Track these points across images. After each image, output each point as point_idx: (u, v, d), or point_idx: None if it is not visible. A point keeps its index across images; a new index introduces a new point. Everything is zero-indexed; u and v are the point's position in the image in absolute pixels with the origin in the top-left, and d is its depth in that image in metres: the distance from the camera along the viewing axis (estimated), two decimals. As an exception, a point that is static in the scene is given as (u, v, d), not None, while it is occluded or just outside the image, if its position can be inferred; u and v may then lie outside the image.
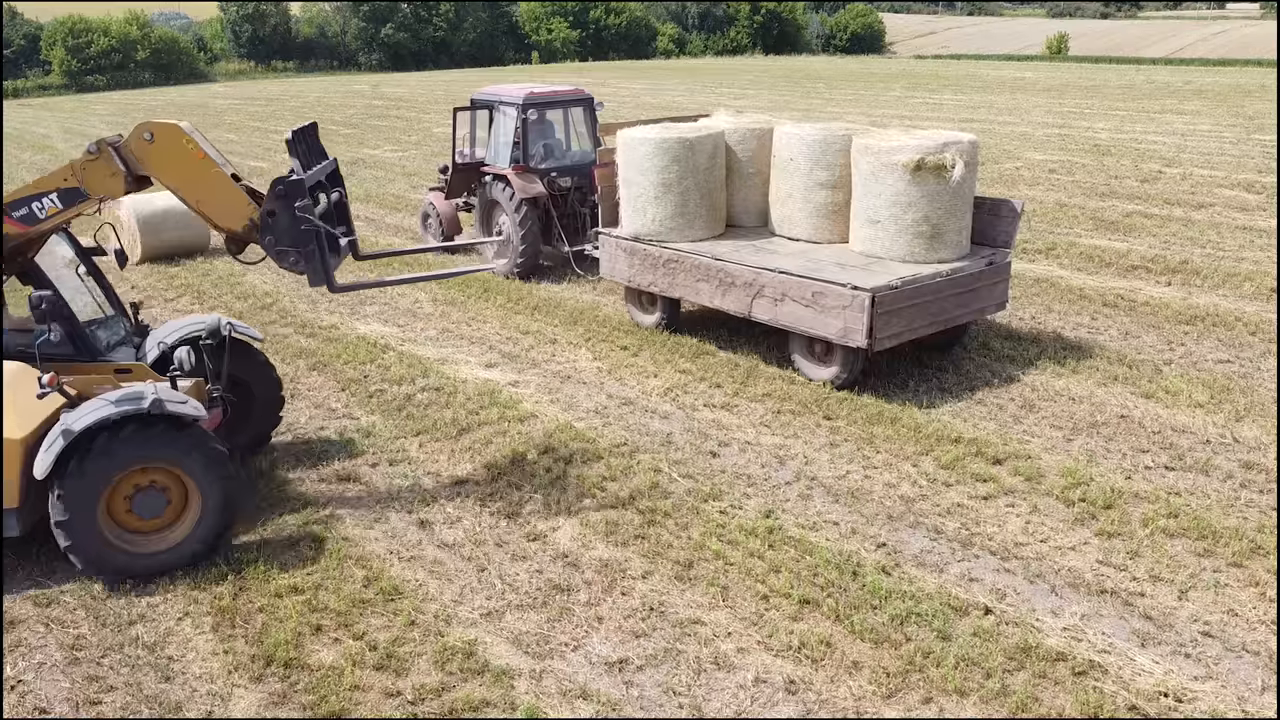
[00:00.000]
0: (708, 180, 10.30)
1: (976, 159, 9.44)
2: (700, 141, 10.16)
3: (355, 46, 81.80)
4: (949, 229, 9.20)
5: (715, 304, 9.82)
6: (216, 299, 12.65)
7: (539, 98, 12.95)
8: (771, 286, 9.16)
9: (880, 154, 9.17)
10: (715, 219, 10.52)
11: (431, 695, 5.13)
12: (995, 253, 9.56)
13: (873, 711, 4.94)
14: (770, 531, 6.53)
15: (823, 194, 9.86)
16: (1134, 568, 6.05)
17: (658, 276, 10.31)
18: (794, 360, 9.43)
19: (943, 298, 9.00)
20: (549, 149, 13.31)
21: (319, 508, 7.10)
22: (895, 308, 8.57)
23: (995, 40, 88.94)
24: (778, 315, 9.18)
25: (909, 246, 9.21)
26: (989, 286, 9.45)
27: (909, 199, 9.09)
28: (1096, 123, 27.93)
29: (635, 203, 10.45)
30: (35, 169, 26.75)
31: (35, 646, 5.63)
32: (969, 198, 9.41)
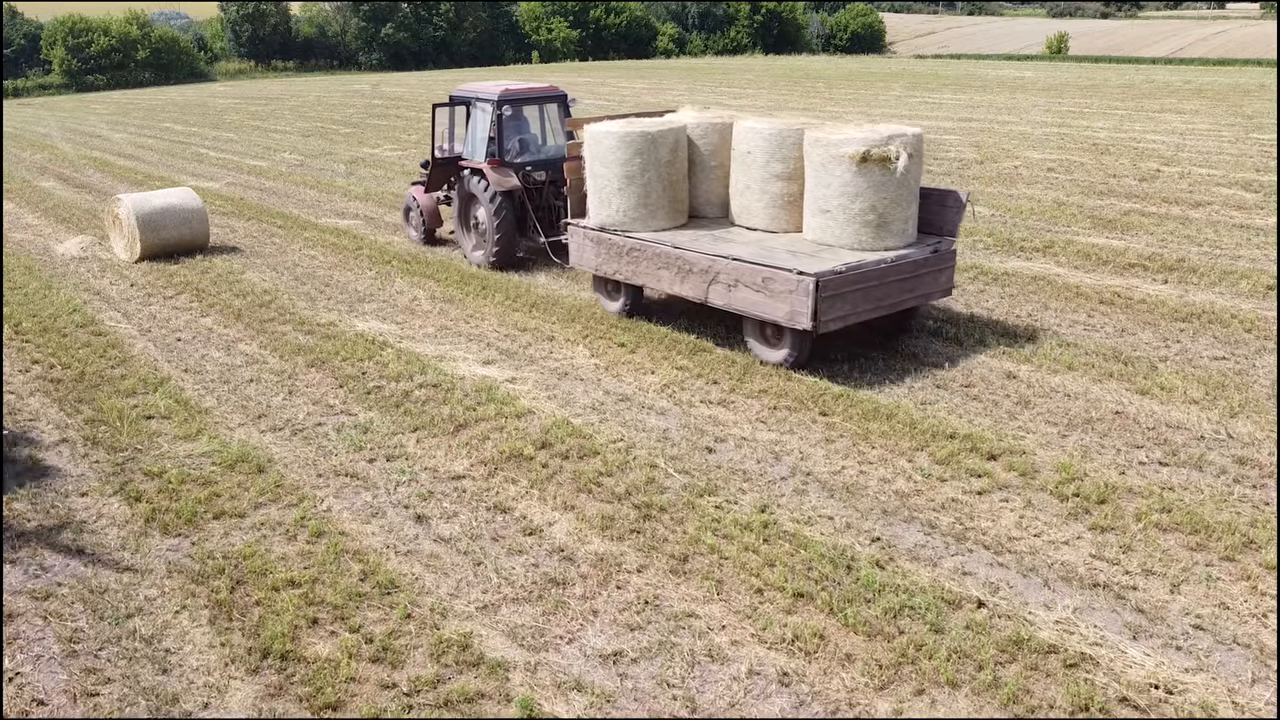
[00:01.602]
0: (669, 172, 10.72)
1: (921, 151, 9.77)
2: (662, 135, 10.57)
3: (355, 46, 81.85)
4: (895, 218, 9.60)
5: (675, 290, 10.24)
6: (215, 297, 12.69)
7: (514, 94, 13.37)
8: (725, 273, 9.57)
9: (829, 146, 9.56)
10: (677, 210, 10.95)
11: (427, 687, 5.16)
12: (941, 241, 9.93)
13: (865, 703, 4.97)
14: (765, 526, 6.56)
15: (778, 185, 10.29)
16: (1127, 562, 6.08)
17: (622, 265, 10.74)
18: (748, 343, 9.82)
19: (887, 283, 9.39)
20: (524, 144, 13.76)
21: (316, 502, 7.14)
22: (839, 292, 8.98)
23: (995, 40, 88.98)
24: (731, 300, 9.60)
25: (857, 235, 9.62)
26: (934, 273, 9.83)
27: (856, 189, 9.49)
28: (1095, 122, 27.96)
29: (600, 194, 10.88)
30: (35, 168, 26.81)
31: (33, 639, 5.66)
32: (914, 188, 9.78)
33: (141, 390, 9.45)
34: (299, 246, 15.57)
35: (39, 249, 16.13)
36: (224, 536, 6.72)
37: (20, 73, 72.11)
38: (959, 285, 12.05)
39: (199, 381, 9.70)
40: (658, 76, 56.36)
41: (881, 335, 10.20)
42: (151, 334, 11.29)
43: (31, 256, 15.55)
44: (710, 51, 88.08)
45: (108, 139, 34.25)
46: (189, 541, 6.67)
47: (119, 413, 8.85)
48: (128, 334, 11.29)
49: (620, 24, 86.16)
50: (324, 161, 25.65)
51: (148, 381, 9.65)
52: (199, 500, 7.18)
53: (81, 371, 10.01)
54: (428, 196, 14.94)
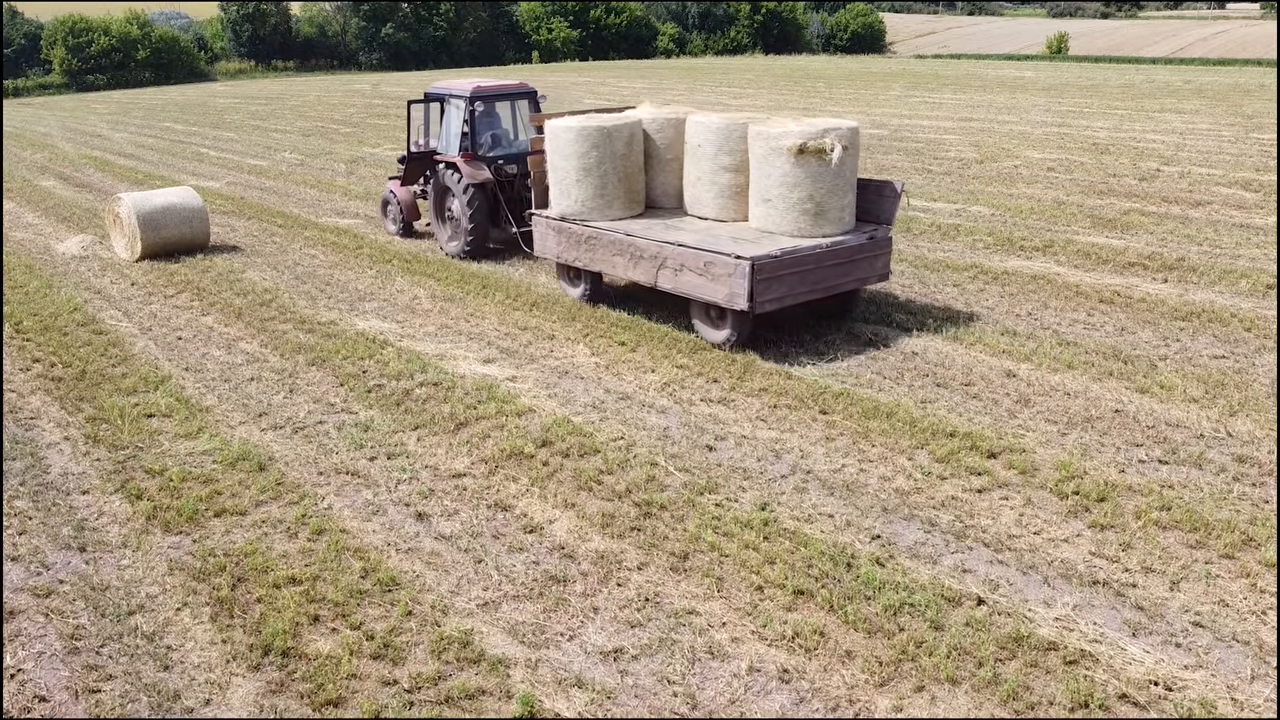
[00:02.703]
0: (625, 165, 11.28)
1: (857, 144, 10.29)
2: (617, 130, 11.16)
3: (355, 46, 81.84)
4: (831, 206, 10.13)
5: (628, 275, 10.80)
6: (216, 295, 12.70)
7: (486, 91, 13.96)
8: (672, 258, 10.14)
9: (769, 140, 10.11)
10: (633, 200, 11.52)
11: (428, 684, 5.17)
12: (878, 229, 10.48)
13: (865, 700, 4.98)
14: (765, 524, 6.57)
15: (726, 177, 10.82)
16: (1126, 559, 6.09)
17: (580, 252, 11.28)
18: (694, 324, 10.37)
19: (823, 267, 9.94)
20: (496, 138, 14.29)
21: (317, 500, 7.15)
22: (775, 275, 9.52)
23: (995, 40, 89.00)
24: (678, 284, 10.16)
25: (796, 222, 10.15)
26: (870, 259, 10.37)
27: (795, 179, 10.04)
28: (1095, 122, 27.97)
29: (560, 185, 11.44)
30: (36, 167, 26.82)
31: (35, 636, 5.67)
32: (851, 179, 10.29)
33: (142, 389, 9.46)
34: (299, 245, 15.58)
35: (40, 248, 16.14)
36: (225, 534, 6.73)
37: (20, 72, 72.10)
38: (959, 285, 12.07)
39: (200, 380, 9.71)
40: (658, 76, 56.37)
41: (825, 318, 10.75)
42: (152, 333, 11.30)
43: (32, 255, 15.56)
44: (710, 51, 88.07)
45: (108, 138, 34.26)
46: (190, 539, 6.68)
47: (120, 411, 8.86)
48: (128, 333, 11.30)
49: (620, 24, 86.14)
50: (324, 161, 25.66)
51: (148, 380, 9.67)
52: (200, 498, 7.19)
53: (82, 370, 10.02)
54: (405, 190, 15.53)
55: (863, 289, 10.91)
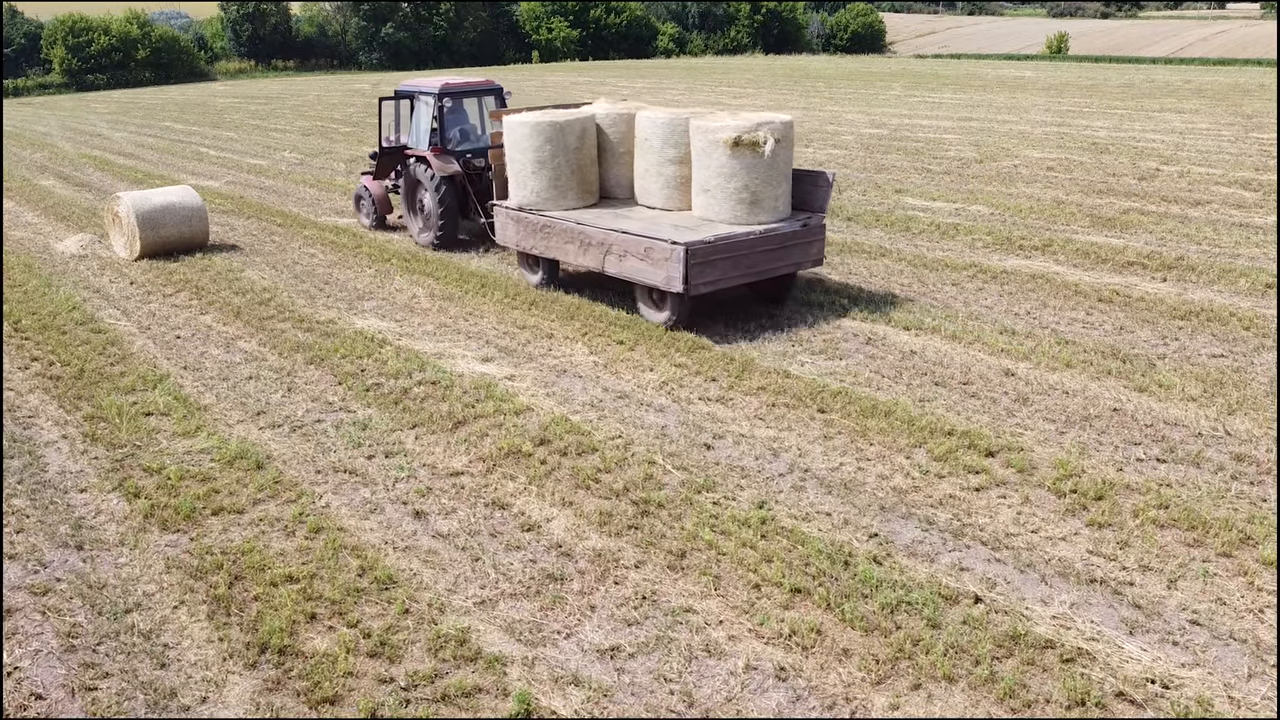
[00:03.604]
0: (578, 157, 11.86)
1: (791, 137, 10.81)
2: (570, 124, 11.75)
3: (355, 46, 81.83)
4: (766, 196, 10.69)
5: (578, 261, 11.39)
6: (215, 294, 12.70)
7: (454, 88, 14.58)
8: (617, 245, 10.70)
9: (708, 133, 10.69)
10: (586, 191, 12.10)
11: (425, 682, 5.17)
12: (811, 216, 11.01)
13: (862, 698, 4.98)
14: (763, 522, 6.57)
15: (671, 169, 11.43)
16: (1124, 557, 6.08)
17: (537, 240, 11.89)
18: (639, 307, 11.01)
19: (756, 253, 10.50)
20: (464, 133, 14.88)
21: (315, 499, 7.15)
22: (708, 259, 10.10)
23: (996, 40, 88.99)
24: (622, 269, 10.75)
25: (733, 210, 10.72)
26: (803, 245, 10.94)
27: (731, 170, 10.60)
28: (1095, 121, 27.97)
29: (517, 177, 12.04)
30: (35, 166, 26.82)
31: (31, 634, 5.67)
32: (785, 170, 10.84)
33: (141, 387, 9.46)
34: (298, 244, 15.58)
35: (39, 247, 16.14)
36: (223, 532, 6.73)
37: (20, 72, 72.08)
38: (958, 284, 12.07)
39: (198, 379, 9.70)
40: (658, 76, 56.37)
41: (765, 302, 11.35)
42: (151, 331, 11.30)
43: (31, 254, 15.56)
44: (710, 51, 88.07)
45: (108, 138, 34.26)
46: (188, 537, 6.67)
47: (118, 409, 8.86)
48: (127, 331, 11.30)
49: (620, 24, 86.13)
50: (324, 160, 25.66)
51: (147, 379, 9.66)
52: (198, 496, 7.19)
53: (81, 369, 10.02)
54: (377, 184, 16.11)
55: (800, 273, 11.63)
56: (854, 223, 15.67)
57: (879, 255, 13.54)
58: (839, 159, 22.31)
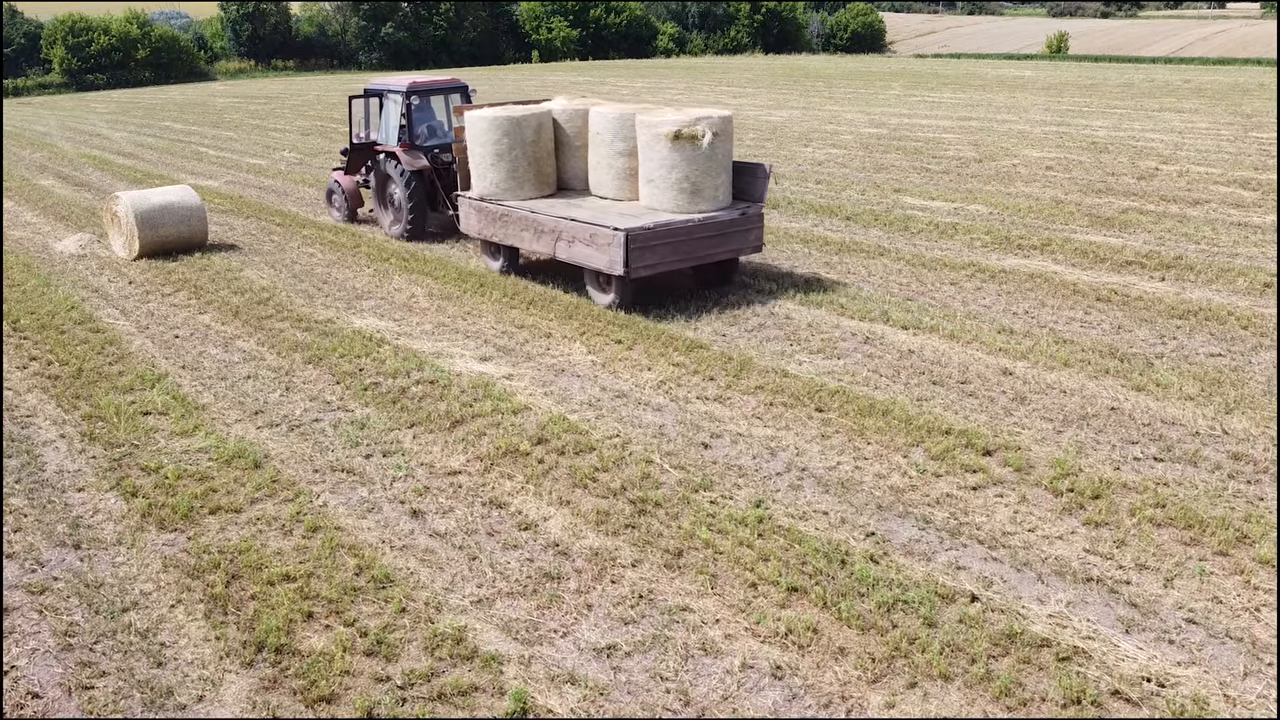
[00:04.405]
0: (534, 150, 12.55)
1: (730, 131, 11.54)
2: (526, 119, 12.41)
3: (355, 45, 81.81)
4: (706, 186, 11.42)
5: (533, 248, 12.09)
6: (213, 294, 12.70)
7: (420, 86, 15.28)
8: (567, 232, 11.39)
9: (651, 127, 11.41)
10: (543, 182, 12.77)
11: (421, 680, 5.17)
12: (750, 206, 11.72)
13: (858, 696, 4.98)
14: (760, 521, 6.57)
15: (621, 161, 12.10)
16: (1120, 556, 6.09)
17: (496, 229, 12.57)
18: (588, 291, 11.68)
19: (695, 239, 11.21)
20: (432, 129, 15.51)
21: (312, 498, 7.15)
22: (648, 244, 10.82)
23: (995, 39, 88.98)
24: (572, 254, 11.45)
25: (675, 200, 11.45)
26: (742, 232, 11.63)
27: (672, 162, 11.32)
28: (1094, 121, 27.97)
29: (478, 169, 12.74)
30: (35, 166, 26.82)
31: (28, 633, 5.67)
32: (725, 162, 11.55)
33: (139, 386, 9.47)
34: (297, 244, 15.58)
35: (38, 246, 16.14)
36: (220, 531, 6.73)
37: (20, 72, 72.06)
38: (956, 283, 12.07)
39: (196, 378, 9.71)
40: (657, 76, 56.37)
41: (709, 286, 12.06)
42: (149, 331, 11.30)
43: (30, 254, 15.56)
44: (710, 51, 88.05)
45: (107, 138, 34.25)
46: (185, 536, 6.68)
47: (116, 409, 8.86)
48: (125, 331, 11.31)
49: (620, 23, 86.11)
50: (323, 160, 25.66)
51: (145, 378, 9.67)
52: (195, 495, 7.19)
53: (79, 368, 10.02)
54: (348, 179, 16.87)
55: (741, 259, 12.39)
56: (853, 222, 15.67)
57: (877, 254, 13.55)
58: (838, 158, 22.31)
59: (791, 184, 19.25)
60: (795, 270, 12.87)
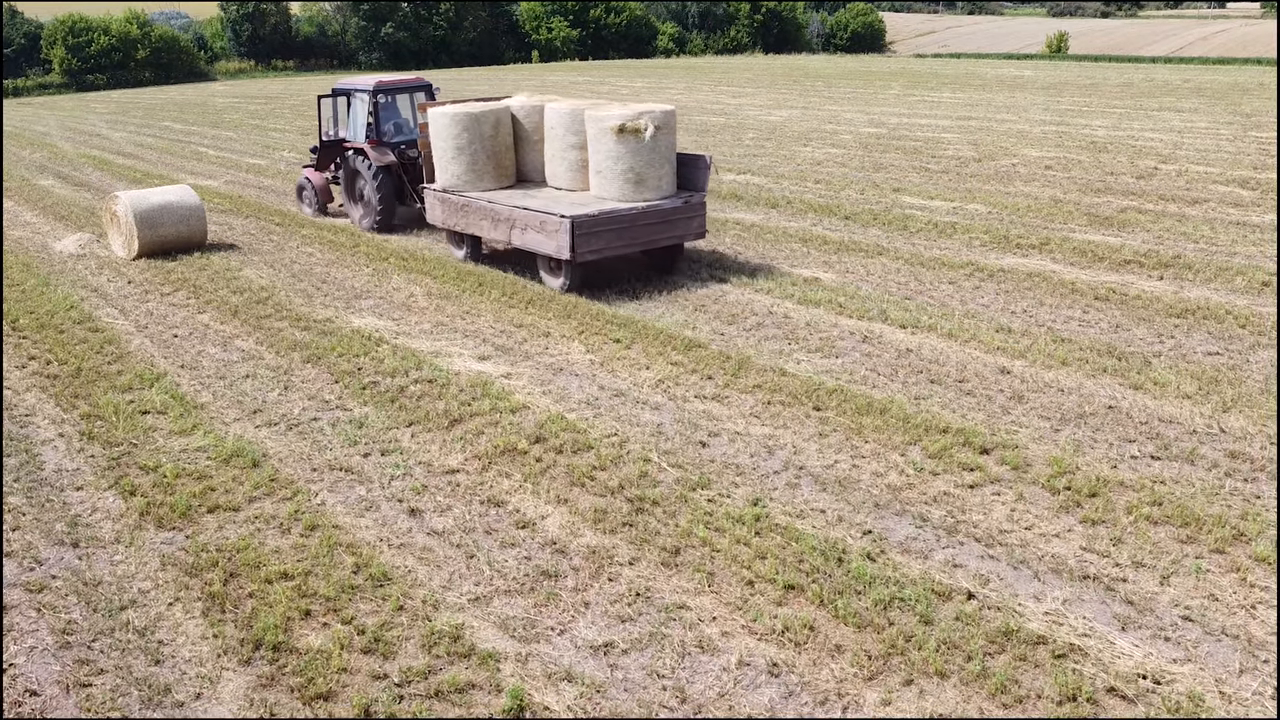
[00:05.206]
0: (493, 144, 13.24)
1: (673, 124, 12.19)
2: (484, 115, 13.12)
3: (355, 45, 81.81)
4: (649, 176, 12.06)
5: (491, 236, 12.84)
6: (212, 293, 12.71)
7: (386, 85, 16.05)
8: (520, 220, 12.12)
9: (598, 121, 12.08)
10: (502, 174, 13.46)
11: (418, 678, 5.18)
12: (692, 195, 12.37)
13: (854, 693, 4.99)
14: (757, 519, 6.58)
15: (574, 154, 12.77)
16: (1117, 554, 6.09)
17: (459, 218, 13.29)
18: (541, 275, 12.41)
19: (638, 226, 11.89)
20: (398, 126, 16.24)
21: (311, 496, 7.16)
22: (592, 230, 11.49)
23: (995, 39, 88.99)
24: (525, 241, 12.17)
25: (621, 190, 12.08)
26: (685, 219, 12.33)
27: (617, 154, 11.96)
28: (1094, 120, 27.97)
29: (441, 162, 13.42)
30: (34, 166, 26.83)
31: (26, 631, 5.68)
32: (667, 154, 12.19)
33: (138, 386, 9.47)
34: (296, 244, 15.59)
35: (37, 246, 16.15)
36: (218, 530, 6.74)
37: (20, 72, 72.07)
38: (954, 282, 12.08)
39: (195, 377, 9.72)
40: (657, 75, 56.37)
41: (655, 271, 12.79)
42: (148, 330, 11.31)
43: (30, 254, 15.57)
44: (710, 51, 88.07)
45: (107, 138, 34.26)
46: (183, 535, 6.69)
47: (115, 408, 8.87)
48: (124, 330, 11.32)
49: (620, 23, 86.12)
50: (323, 160, 25.60)
51: (144, 377, 9.68)
52: (194, 494, 7.20)
53: (78, 367, 10.03)
54: (318, 175, 17.57)
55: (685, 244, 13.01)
56: (851, 221, 15.68)
57: (876, 254, 13.56)
58: (837, 158, 22.32)
59: (791, 183, 19.26)
60: (794, 269, 12.88)
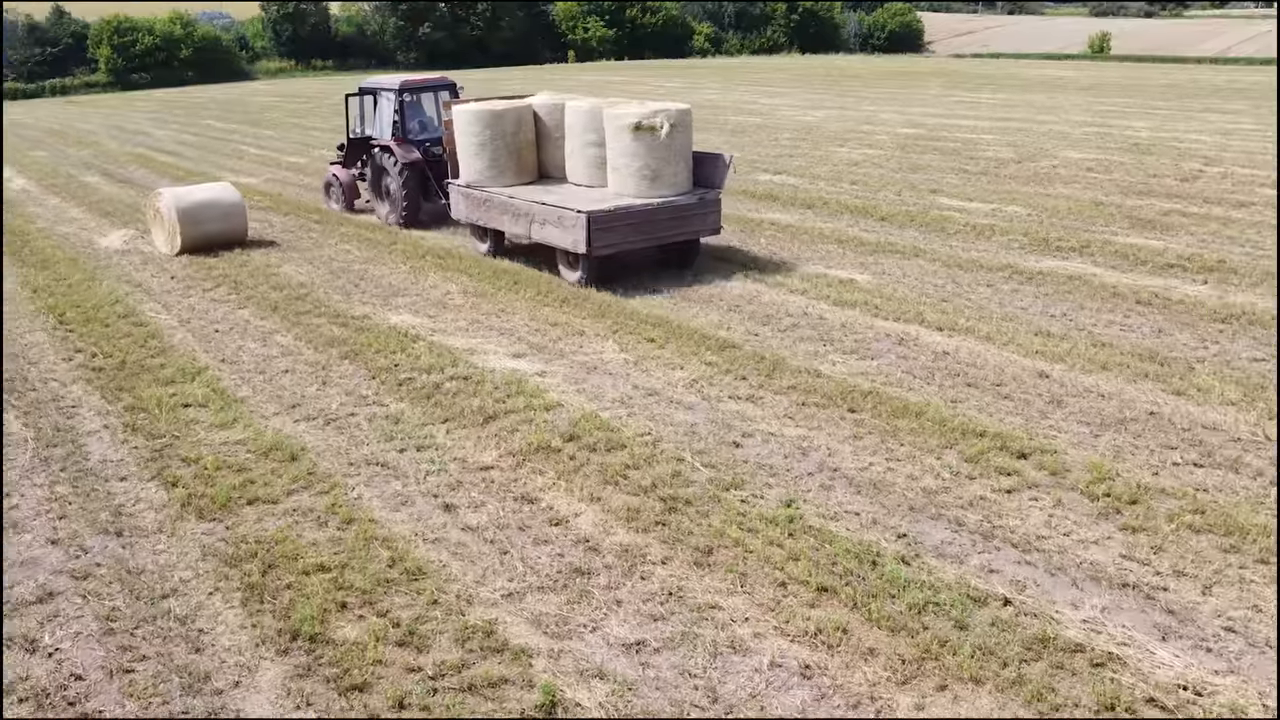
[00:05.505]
0: (514, 141, 13.60)
1: (688, 122, 12.51)
2: (506, 112, 13.55)
3: (393, 45, 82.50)
4: (665, 173, 12.33)
5: (512, 230, 13.22)
6: (253, 289, 12.90)
7: (412, 85, 16.50)
8: (539, 215, 12.43)
9: (616, 119, 12.37)
10: (523, 170, 13.80)
11: (451, 671, 5.23)
12: (707, 192, 12.63)
13: (887, 697, 4.96)
14: (790, 520, 6.56)
15: (592, 150, 13.04)
16: (1157, 562, 6.00)
17: (481, 213, 13.66)
18: (559, 269, 12.62)
19: (653, 221, 12.18)
20: (423, 124, 16.63)
21: (347, 490, 7.25)
22: (608, 226, 11.80)
23: (1036, 39, 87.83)
24: (544, 235, 12.47)
25: (637, 186, 12.36)
26: (700, 216, 12.59)
27: (634, 151, 12.26)
28: (1136, 122, 27.54)
29: (464, 159, 13.84)
30: (81, 163, 27.37)
31: (72, 616, 5.81)
32: (683, 151, 12.48)
33: (180, 379, 9.64)
34: (334, 241, 15.77)
35: (83, 242, 16.48)
36: (257, 522, 6.84)
37: (68, 71, 73.53)
38: (992, 285, 11.96)
39: (235, 371, 9.87)
40: (692, 75, 56.31)
41: (670, 267, 12.90)
42: (190, 325, 11.50)
43: (76, 249, 15.90)
44: (746, 51, 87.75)
45: (151, 135, 34.87)
46: (223, 526, 6.80)
47: (158, 401, 9.03)
48: (167, 325, 11.52)
49: (656, 23, 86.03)
50: (361, 158, 25.86)
51: (186, 371, 9.84)
52: (233, 486, 7.32)
53: (122, 360, 10.23)
54: (345, 172, 17.88)
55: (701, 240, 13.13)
56: (888, 223, 15.57)
57: (912, 255, 13.45)
58: (873, 159, 22.17)
59: (826, 184, 19.16)
60: (829, 270, 12.82)
